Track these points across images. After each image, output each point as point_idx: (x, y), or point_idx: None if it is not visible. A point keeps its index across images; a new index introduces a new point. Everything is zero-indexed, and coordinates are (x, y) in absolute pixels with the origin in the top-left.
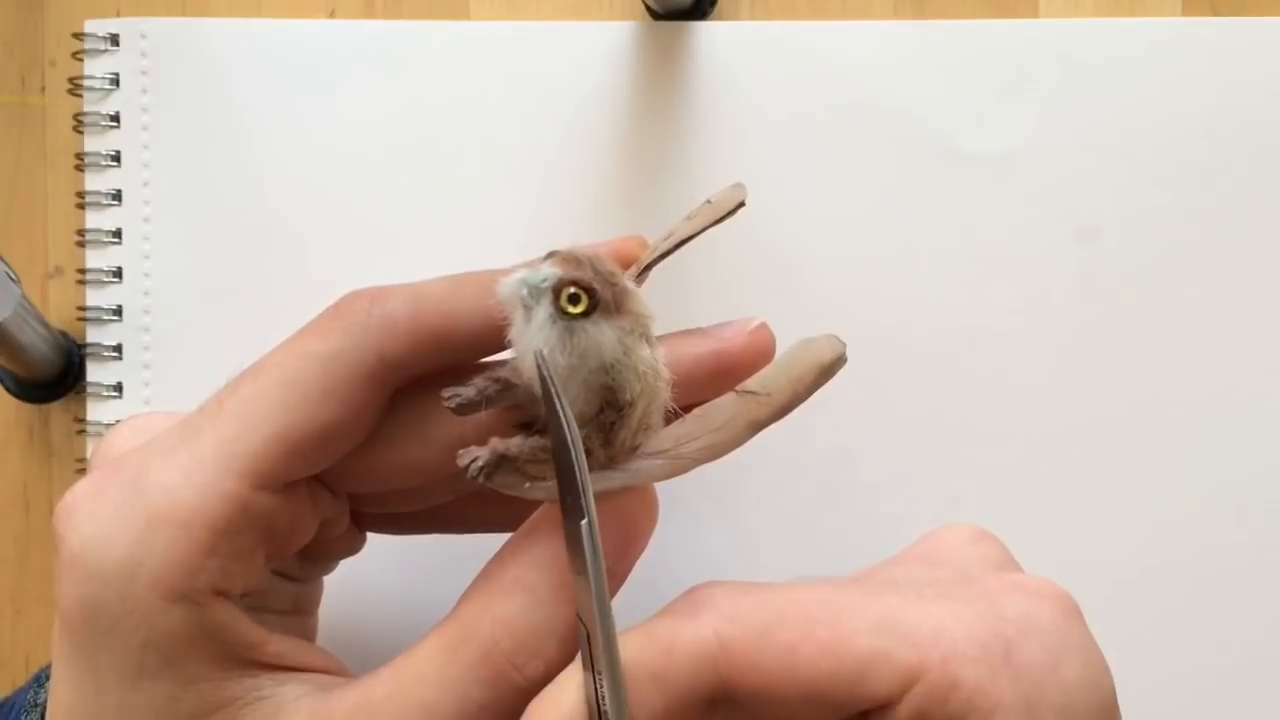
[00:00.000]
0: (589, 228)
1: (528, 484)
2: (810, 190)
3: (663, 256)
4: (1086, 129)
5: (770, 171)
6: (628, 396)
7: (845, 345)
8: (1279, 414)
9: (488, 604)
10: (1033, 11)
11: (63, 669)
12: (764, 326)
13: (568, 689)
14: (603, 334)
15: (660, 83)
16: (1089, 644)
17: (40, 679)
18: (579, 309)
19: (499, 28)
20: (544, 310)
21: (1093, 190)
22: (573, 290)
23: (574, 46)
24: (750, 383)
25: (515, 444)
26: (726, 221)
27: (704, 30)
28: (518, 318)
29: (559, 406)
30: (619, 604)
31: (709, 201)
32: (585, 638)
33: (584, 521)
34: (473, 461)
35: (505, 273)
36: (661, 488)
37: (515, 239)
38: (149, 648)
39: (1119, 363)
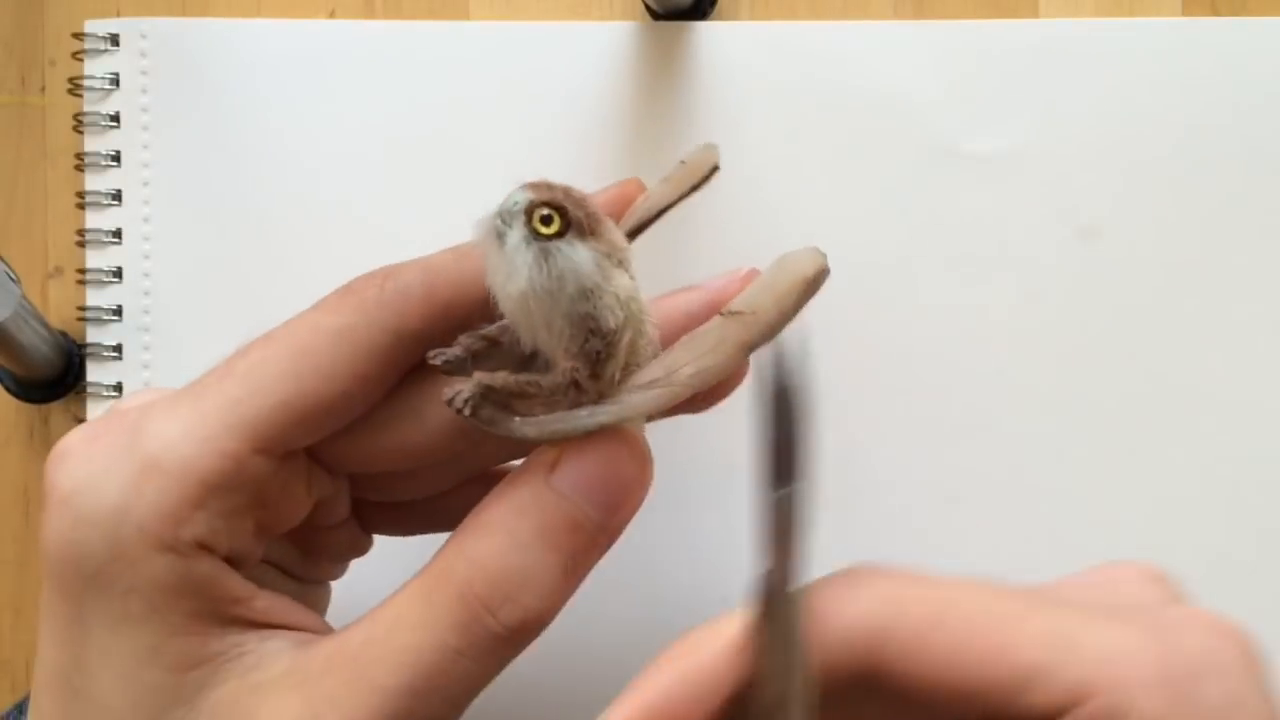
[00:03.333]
0: None
1: (516, 419)
2: (809, 190)
3: (644, 225)
4: (1086, 129)
5: (770, 171)
6: (611, 324)
7: (826, 255)
8: (1279, 413)
9: (465, 546)
10: (1033, 11)
11: (48, 621)
12: (755, 272)
13: (721, 636)
14: (578, 254)
15: (660, 83)
16: (1266, 688)
17: (22, 707)
18: (552, 229)
19: (499, 28)
20: (517, 233)
21: (1092, 190)
22: (545, 211)
23: (574, 46)
24: (734, 303)
25: (500, 377)
26: (703, 189)
27: (704, 30)
28: (491, 251)
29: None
30: (613, 585)
31: (683, 162)
32: (764, 587)
33: (783, 491)
34: (456, 395)
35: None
36: (660, 485)
37: None
38: (133, 594)
39: (1118, 362)
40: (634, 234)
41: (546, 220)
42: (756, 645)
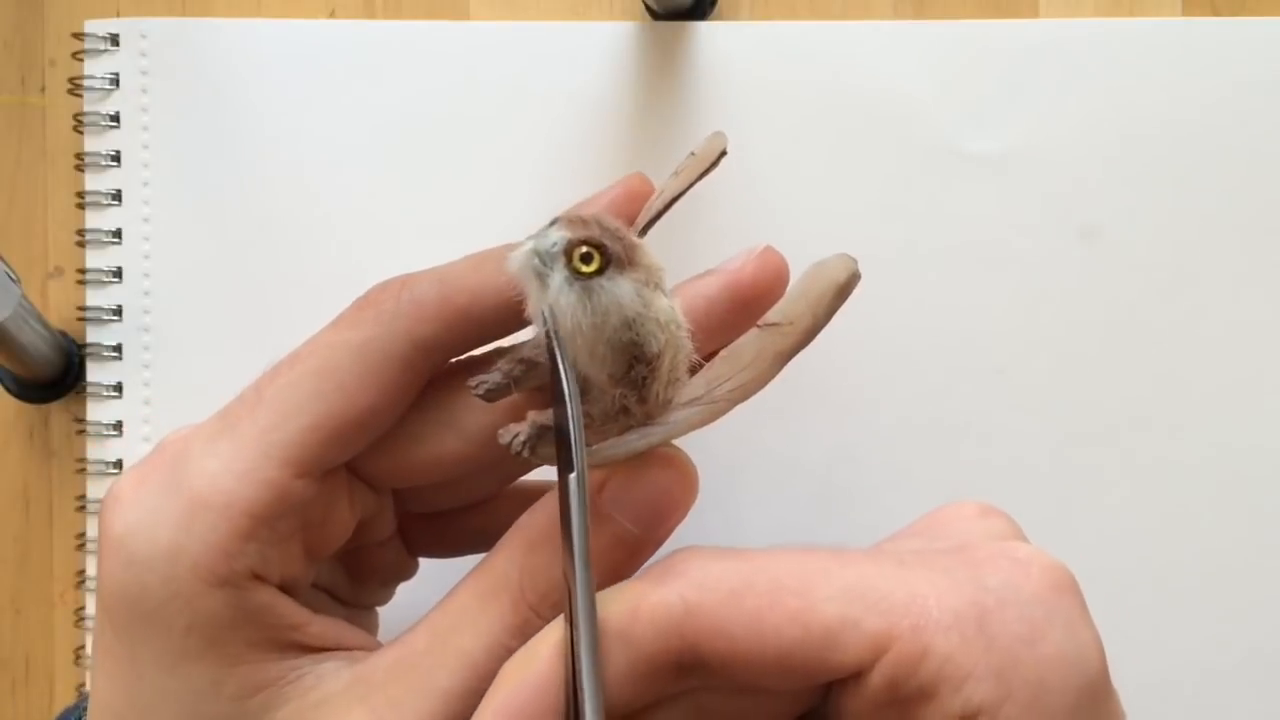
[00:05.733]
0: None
1: None
2: (810, 190)
3: (657, 216)
4: (1086, 129)
5: (770, 171)
6: (654, 349)
7: (857, 261)
8: (1278, 413)
9: (517, 555)
10: (1033, 11)
11: (102, 660)
12: (769, 249)
13: (544, 643)
14: (620, 288)
15: (660, 83)
16: (1077, 619)
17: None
18: (593, 267)
19: (499, 28)
20: (559, 275)
21: (1093, 190)
22: (584, 250)
23: (574, 46)
24: (770, 315)
25: (553, 414)
26: (712, 174)
27: (704, 30)
28: (533, 289)
29: (559, 358)
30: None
31: (693, 154)
32: (568, 595)
33: (572, 474)
34: (514, 438)
35: (517, 246)
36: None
37: (515, 238)
38: (191, 631)
39: (1119, 362)
40: (645, 228)
41: (587, 258)
42: (566, 654)
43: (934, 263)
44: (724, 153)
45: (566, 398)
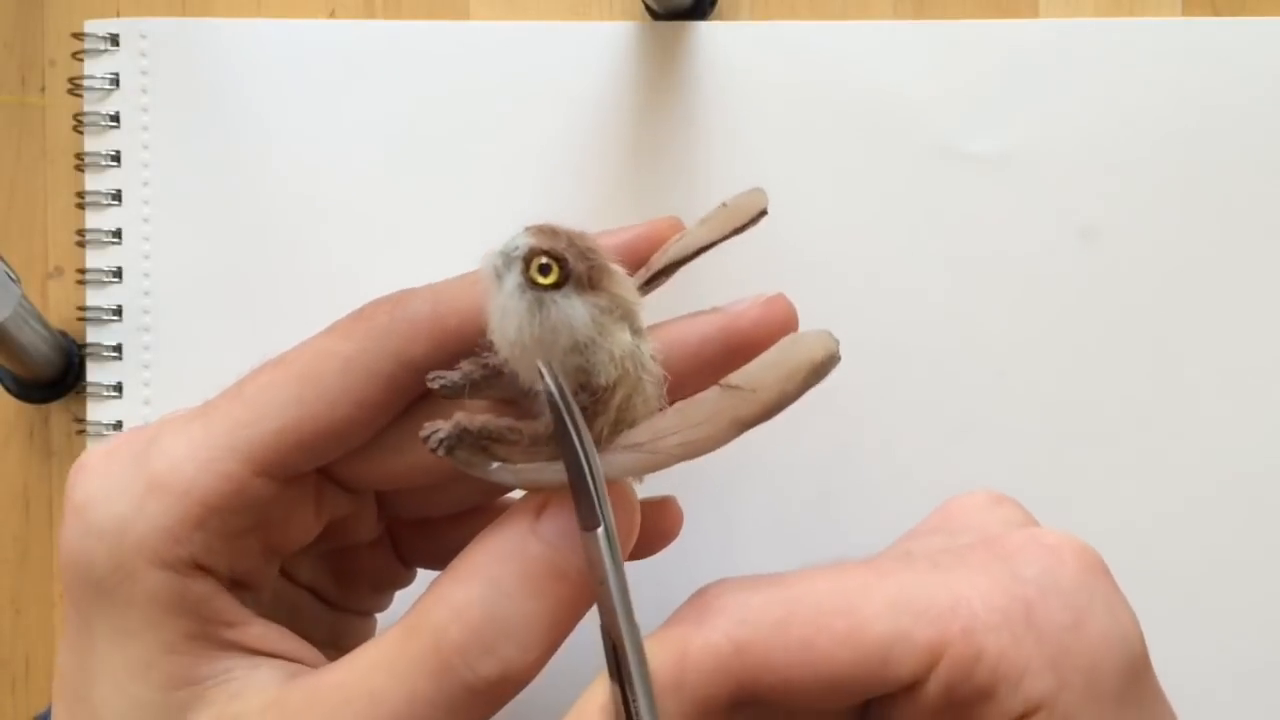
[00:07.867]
0: (589, 228)
1: (494, 465)
2: (810, 190)
3: (678, 264)
4: (1086, 129)
5: (769, 171)
6: (602, 381)
7: (838, 342)
8: (1278, 413)
9: (444, 592)
10: (1033, 11)
11: (64, 628)
12: (780, 297)
13: (592, 704)
14: (573, 309)
15: (660, 83)
16: (1113, 597)
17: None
18: (549, 279)
19: (499, 28)
20: (513, 279)
21: (1093, 190)
22: (543, 260)
23: (574, 46)
24: (734, 377)
25: (480, 420)
26: (748, 231)
27: (704, 30)
28: (491, 290)
29: (565, 409)
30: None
31: (724, 205)
32: (611, 649)
33: (600, 529)
34: (433, 434)
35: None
36: (659, 489)
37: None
38: (132, 607)
39: (1118, 362)
40: (666, 272)
41: (545, 270)
42: (618, 708)
43: (933, 263)
44: (764, 212)
45: (581, 455)
